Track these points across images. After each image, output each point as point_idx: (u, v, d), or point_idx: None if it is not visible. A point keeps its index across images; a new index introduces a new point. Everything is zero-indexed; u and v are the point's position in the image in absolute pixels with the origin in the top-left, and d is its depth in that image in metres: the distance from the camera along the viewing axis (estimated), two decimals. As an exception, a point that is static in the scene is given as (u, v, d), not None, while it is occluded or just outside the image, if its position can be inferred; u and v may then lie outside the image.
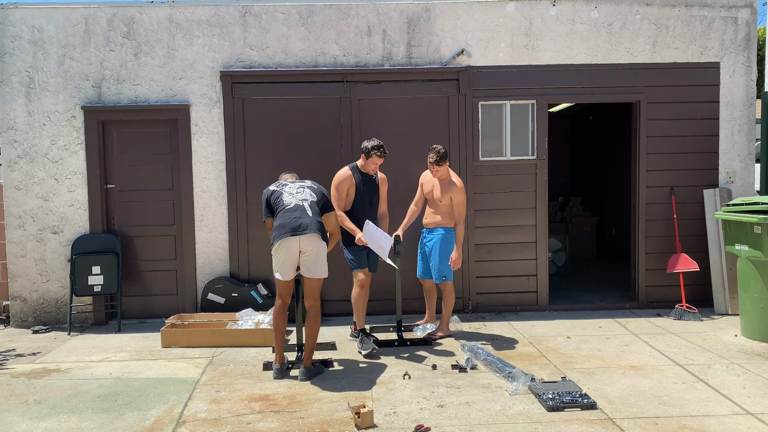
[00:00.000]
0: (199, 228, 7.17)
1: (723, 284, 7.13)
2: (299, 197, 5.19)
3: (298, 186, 5.31)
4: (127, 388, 5.01)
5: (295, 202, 5.15)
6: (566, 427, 4.14)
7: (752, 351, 5.76)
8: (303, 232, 5.00)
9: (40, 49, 6.96)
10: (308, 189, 5.29)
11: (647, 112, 7.27)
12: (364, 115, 7.15)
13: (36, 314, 7.10)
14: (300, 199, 5.18)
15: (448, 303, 6.27)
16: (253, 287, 7.02)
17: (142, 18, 7.01)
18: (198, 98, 7.09)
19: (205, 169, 7.14)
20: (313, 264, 5.10)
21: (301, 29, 7.08)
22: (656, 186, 7.34)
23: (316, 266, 5.13)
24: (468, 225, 7.23)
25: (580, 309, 7.39)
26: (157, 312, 7.19)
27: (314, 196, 5.25)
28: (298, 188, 5.27)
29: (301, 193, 5.23)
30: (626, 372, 5.20)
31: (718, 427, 4.12)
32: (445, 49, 7.16)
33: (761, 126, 7.46)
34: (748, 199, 6.23)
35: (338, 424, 4.24)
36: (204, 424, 4.28)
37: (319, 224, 5.11)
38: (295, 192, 5.24)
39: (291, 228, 5.01)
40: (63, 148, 7.04)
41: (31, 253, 7.07)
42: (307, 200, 5.17)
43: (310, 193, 5.24)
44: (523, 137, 7.29)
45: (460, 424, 4.21)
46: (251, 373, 5.33)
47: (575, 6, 7.17)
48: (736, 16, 7.25)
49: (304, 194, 5.22)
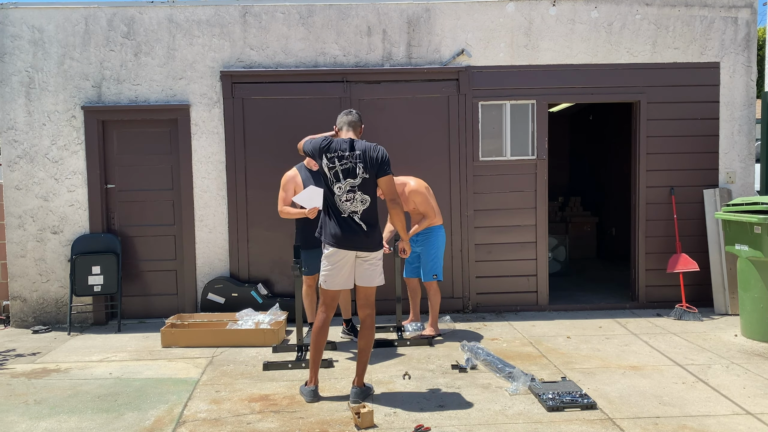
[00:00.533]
0: (199, 228, 7.17)
1: (723, 284, 7.13)
2: (352, 207, 4.55)
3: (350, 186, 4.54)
4: (127, 388, 5.01)
5: (348, 211, 4.55)
6: (566, 427, 4.14)
7: (752, 351, 5.76)
8: (359, 249, 4.58)
9: (40, 49, 6.96)
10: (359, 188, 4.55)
11: (647, 112, 7.28)
12: (364, 115, 7.04)
13: (36, 314, 7.10)
14: (350, 211, 4.54)
15: (434, 302, 6.26)
16: (253, 287, 7.02)
17: (142, 18, 7.01)
18: (198, 98, 7.09)
19: (205, 169, 7.14)
20: (371, 274, 4.68)
21: (301, 29, 7.08)
22: (656, 186, 7.34)
23: (373, 276, 4.69)
24: (468, 225, 7.24)
25: (580, 309, 7.39)
26: (157, 312, 7.20)
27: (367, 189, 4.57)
28: (348, 189, 4.54)
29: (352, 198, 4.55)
30: (626, 372, 5.20)
31: (718, 427, 4.12)
32: (445, 49, 7.16)
33: (761, 126, 7.46)
34: (748, 199, 6.22)
35: (338, 424, 4.24)
36: (204, 424, 4.28)
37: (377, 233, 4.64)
38: (345, 195, 4.55)
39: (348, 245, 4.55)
40: (63, 148, 7.04)
41: (31, 253, 7.07)
42: (358, 212, 4.54)
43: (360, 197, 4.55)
44: (523, 137, 7.29)
45: (460, 424, 4.21)
46: (251, 373, 5.33)
47: (575, 6, 7.17)
48: (736, 16, 7.25)
49: (354, 201, 4.55)
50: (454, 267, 7.22)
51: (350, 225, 4.55)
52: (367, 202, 4.59)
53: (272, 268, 7.21)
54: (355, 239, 4.56)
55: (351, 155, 4.57)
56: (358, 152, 4.57)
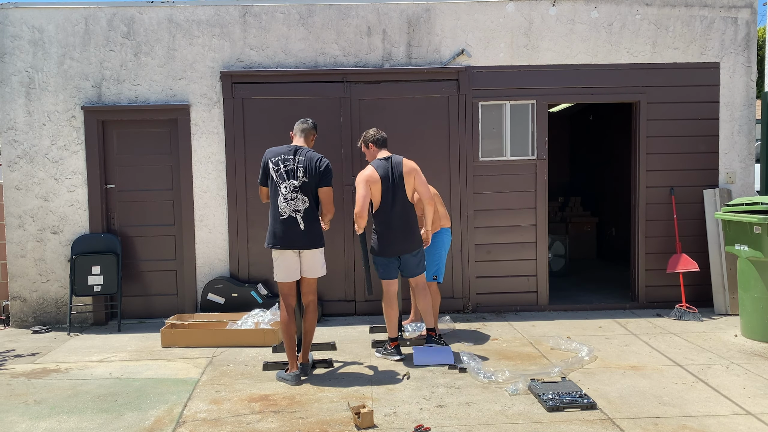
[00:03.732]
0: (199, 228, 7.17)
1: (723, 284, 7.13)
2: (293, 206, 5.05)
3: (293, 187, 5.03)
4: (126, 388, 5.01)
5: (289, 212, 5.05)
6: (566, 427, 4.14)
7: (752, 351, 5.76)
8: (299, 248, 5.12)
9: (40, 49, 6.96)
10: (300, 189, 5.04)
11: (647, 112, 7.27)
12: (364, 115, 7.14)
13: (36, 314, 7.10)
14: (293, 209, 5.05)
15: (435, 303, 6.19)
16: (253, 287, 7.02)
17: (142, 18, 7.01)
18: (198, 98, 7.09)
19: (205, 169, 7.14)
20: (311, 267, 5.22)
21: (301, 29, 7.08)
22: (656, 186, 7.34)
23: (315, 268, 5.24)
24: (468, 225, 7.24)
25: (580, 309, 7.39)
26: (157, 312, 7.19)
27: (307, 192, 5.05)
28: (293, 189, 5.03)
29: (296, 198, 5.05)
30: (626, 372, 5.20)
31: (718, 427, 4.12)
32: (445, 49, 7.16)
33: (761, 126, 7.46)
34: (748, 199, 6.23)
35: (338, 424, 4.24)
36: (204, 425, 4.28)
37: (314, 232, 5.12)
38: (290, 194, 5.04)
39: (287, 242, 5.09)
40: (63, 148, 7.04)
41: (31, 253, 7.07)
42: (300, 211, 5.05)
43: (302, 198, 5.05)
44: (523, 137, 7.29)
45: (460, 424, 4.21)
46: (251, 373, 5.33)
47: (575, 6, 7.17)
48: (736, 16, 7.25)
49: (297, 201, 5.05)
50: (454, 267, 7.21)
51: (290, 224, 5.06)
52: (306, 203, 5.06)
53: (272, 268, 7.18)
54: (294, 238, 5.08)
55: (294, 159, 5.09)
56: (301, 158, 5.09)
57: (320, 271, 5.28)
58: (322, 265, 5.28)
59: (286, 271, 5.17)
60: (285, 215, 5.06)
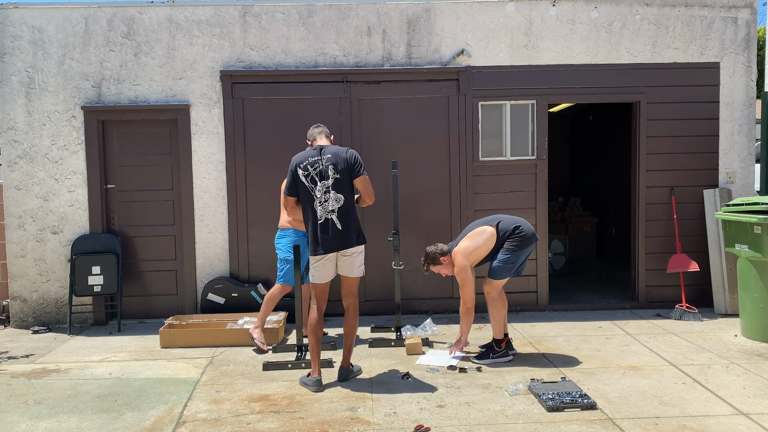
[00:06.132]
0: (199, 228, 7.17)
1: (723, 284, 7.13)
2: (328, 207, 4.87)
3: (326, 187, 4.87)
4: (126, 389, 5.01)
5: (325, 215, 4.86)
6: (566, 427, 4.14)
7: (752, 351, 5.76)
8: (340, 249, 4.92)
9: (40, 49, 6.96)
10: (333, 187, 4.87)
11: (647, 112, 7.27)
12: (364, 115, 7.14)
13: (36, 314, 7.10)
14: (328, 211, 4.87)
15: None
16: (253, 287, 7.02)
17: (142, 18, 7.01)
18: (198, 98, 7.09)
19: (205, 169, 7.14)
20: (350, 266, 5.02)
21: (301, 29, 7.08)
22: (656, 186, 7.34)
23: (352, 267, 5.04)
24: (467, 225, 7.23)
25: (580, 309, 7.39)
26: (157, 312, 7.19)
27: (341, 188, 4.88)
28: (325, 191, 4.87)
29: (329, 198, 4.86)
30: (626, 372, 5.20)
31: (718, 427, 4.12)
32: (445, 49, 7.16)
33: (761, 126, 7.46)
34: (748, 199, 6.23)
35: (338, 424, 4.24)
36: (204, 425, 4.28)
37: (353, 228, 4.93)
38: (323, 196, 4.87)
39: (329, 246, 4.89)
40: (63, 148, 7.04)
41: (31, 253, 7.07)
42: (334, 211, 4.86)
43: (336, 197, 4.87)
44: (523, 137, 7.29)
45: (460, 424, 4.21)
46: (251, 373, 5.33)
47: (575, 6, 7.17)
48: (736, 16, 7.25)
49: (330, 201, 4.86)
50: (454, 267, 7.21)
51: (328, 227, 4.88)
52: (341, 200, 4.89)
53: (272, 268, 7.18)
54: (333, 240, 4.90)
55: (321, 159, 4.93)
56: (327, 155, 4.93)
57: (357, 270, 5.07)
58: (360, 264, 5.07)
59: (324, 273, 5.00)
60: (322, 219, 4.87)
